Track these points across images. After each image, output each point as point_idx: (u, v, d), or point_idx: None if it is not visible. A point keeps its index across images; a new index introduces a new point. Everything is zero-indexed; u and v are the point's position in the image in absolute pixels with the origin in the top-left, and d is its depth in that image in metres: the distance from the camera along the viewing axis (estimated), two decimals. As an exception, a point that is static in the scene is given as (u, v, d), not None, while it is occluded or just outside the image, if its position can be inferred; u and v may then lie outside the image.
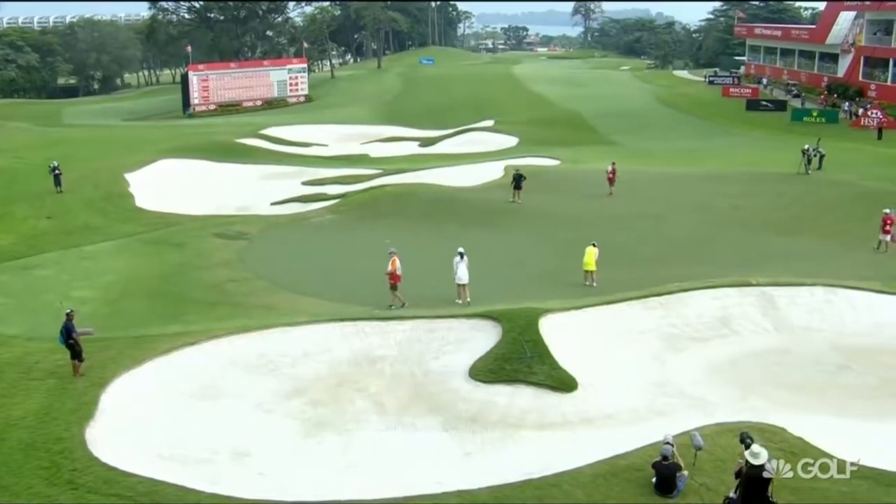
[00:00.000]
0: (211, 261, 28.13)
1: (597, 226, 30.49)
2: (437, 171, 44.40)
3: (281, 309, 21.76)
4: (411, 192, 37.34)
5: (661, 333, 18.52)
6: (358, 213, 35.12)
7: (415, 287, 21.67)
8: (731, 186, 37.31)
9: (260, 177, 45.81)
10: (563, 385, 15.80)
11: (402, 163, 49.78)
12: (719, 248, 28.02)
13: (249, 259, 28.29)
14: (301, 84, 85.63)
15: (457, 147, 57.98)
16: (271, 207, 38.61)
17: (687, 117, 66.02)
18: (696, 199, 35.38)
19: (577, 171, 42.29)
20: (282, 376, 16.94)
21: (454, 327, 18.63)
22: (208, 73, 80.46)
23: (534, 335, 17.30)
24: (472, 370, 16.54)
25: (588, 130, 61.93)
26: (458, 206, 34.65)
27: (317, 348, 18.08)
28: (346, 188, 40.69)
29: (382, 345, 18.25)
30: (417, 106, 75.71)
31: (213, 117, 75.76)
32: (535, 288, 23.17)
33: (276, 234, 32.47)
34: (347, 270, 26.25)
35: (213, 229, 32.95)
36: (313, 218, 35.64)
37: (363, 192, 38.78)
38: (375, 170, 46.12)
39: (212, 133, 58.66)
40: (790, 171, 38.67)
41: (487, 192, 37.32)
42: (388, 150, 57.66)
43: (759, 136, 56.54)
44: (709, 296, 20.01)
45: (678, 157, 48.94)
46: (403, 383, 16.63)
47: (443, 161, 49.63)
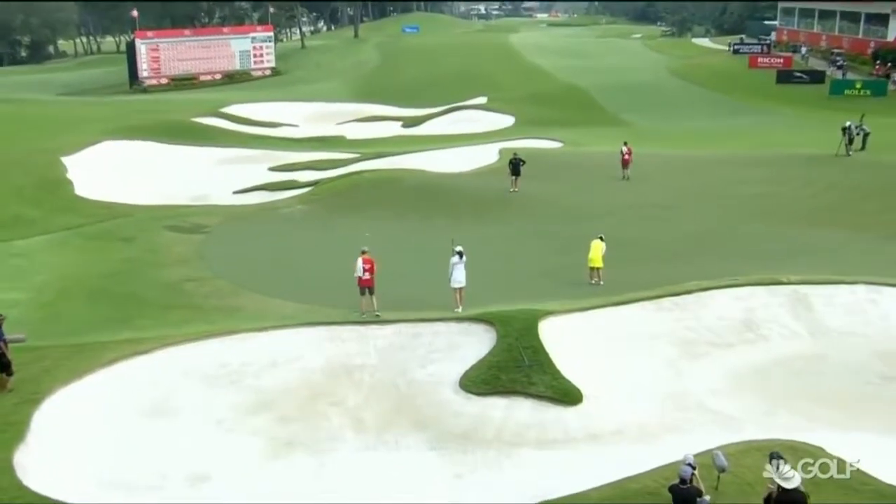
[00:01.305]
0: (164, 258, 28.02)
1: (603, 217, 30.57)
2: (423, 155, 44.29)
3: (245, 312, 21.72)
4: (394, 180, 37.25)
5: (677, 338, 18.59)
6: (333, 204, 35.00)
7: (399, 288, 21.64)
8: (757, 171, 37.41)
9: (220, 161, 45.63)
10: (565, 397, 15.83)
11: (383, 146, 49.60)
12: (743, 241, 28.13)
13: (209, 255, 28.20)
14: (266, 55, 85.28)
15: (445, 128, 57.81)
16: (233, 196, 38.46)
17: (707, 92, 66.20)
18: (716, 186, 35.48)
19: (581, 155, 42.33)
20: (246, 389, 16.90)
21: (442, 332, 18.62)
22: (158, 42, 79.81)
23: (533, 340, 17.31)
24: (463, 380, 16.55)
25: (593, 108, 61.98)
26: (447, 195, 34.61)
27: (286, 357, 18.04)
28: (320, 175, 40.54)
29: (361, 352, 18.23)
30: (400, 81, 75.52)
31: (164, 93, 75.25)
32: (534, 287, 23.18)
33: (240, 228, 32.34)
34: (321, 268, 26.15)
35: (167, 221, 32.79)
36: (282, 209, 35.49)
37: (339, 180, 38.68)
38: (353, 154, 45.96)
39: (164, 111, 58.25)
40: (827, 152, 38.75)
41: (480, 179, 37.27)
42: (367, 132, 57.43)
43: (791, 113, 56.73)
44: (731, 295, 20.08)
45: (696, 139, 49.05)
46: (385, 396, 16.61)
47: (429, 144, 49.52)
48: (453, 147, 46.91)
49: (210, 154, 46.94)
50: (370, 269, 19.89)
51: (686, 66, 75.78)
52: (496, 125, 56.51)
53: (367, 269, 19.87)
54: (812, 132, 46.55)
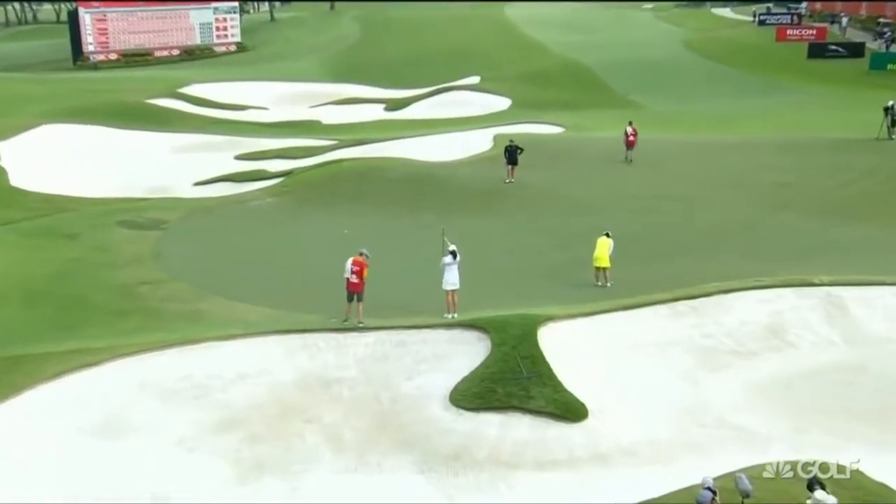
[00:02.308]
0: (116, 257, 27.95)
1: (610, 210, 30.63)
2: (408, 141, 44.32)
3: (208, 318, 21.71)
4: (376, 169, 37.26)
5: (694, 346, 18.66)
6: (307, 197, 35.02)
7: (382, 292, 21.57)
8: (785, 158, 37.59)
9: (179, 149, 45.55)
10: (568, 412, 15.87)
11: (363, 131, 49.61)
12: (768, 236, 28.26)
13: (167, 255, 28.17)
14: (231, 28, 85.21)
15: (433, 111, 57.80)
16: (195, 188, 38.49)
17: (727, 70, 66.21)
18: (737, 174, 35.61)
19: (585, 142, 42.41)
20: (209, 405, 16.88)
21: (430, 340, 18.64)
22: (106, 11, 79.43)
23: (531, 349, 17.34)
24: (454, 394, 16.57)
25: (599, 88, 62.07)
26: (435, 187, 34.65)
27: (255, 368, 18.02)
28: (292, 164, 40.54)
29: (339, 363, 18.23)
30: (382, 58, 75.52)
31: (114, 70, 75.00)
32: (533, 289, 23.23)
33: (202, 223, 32.33)
34: (294, 269, 26.17)
35: (119, 216, 32.74)
36: (250, 202, 35.53)
37: (314, 170, 38.70)
38: (329, 140, 45.96)
39: (114, 90, 58.06)
40: (864, 135, 38.87)
41: (473, 168, 37.32)
42: (346, 115, 57.41)
43: (824, 92, 56.78)
44: (755, 298, 20.16)
45: (715, 122, 49.18)
46: (366, 412, 16.62)
47: (416, 129, 49.52)
48: (442, 133, 46.97)
49: (167, 140, 46.83)
50: (359, 273, 19.88)
51: (704, 40, 75.88)
52: (490, 108, 56.51)
53: (356, 272, 19.86)
54: (848, 113, 46.71)
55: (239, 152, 43.94)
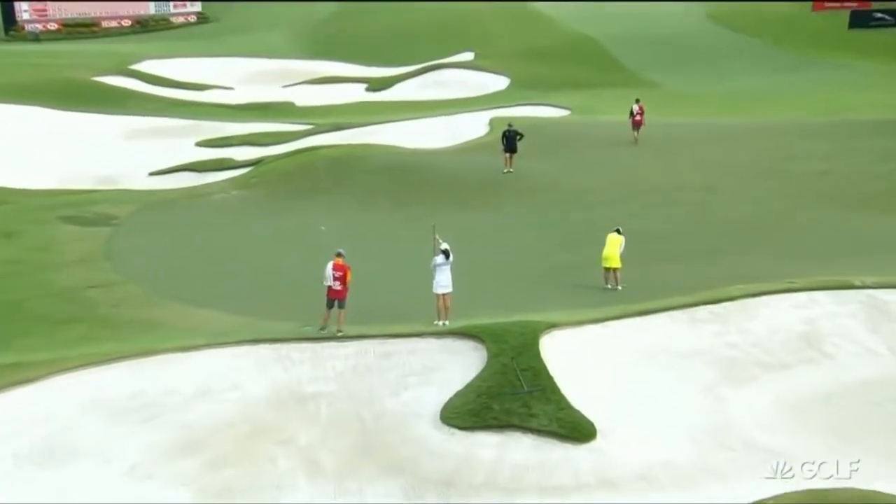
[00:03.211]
0: (59, 257, 27.91)
1: (622, 204, 30.73)
2: (393, 126, 44.40)
3: (166, 327, 21.64)
4: (357, 158, 37.33)
5: (717, 357, 18.65)
6: (279, 189, 35.15)
7: (365, 296, 21.58)
8: (821, 143, 37.70)
9: (132, 134, 45.54)
10: (574, 432, 15.87)
11: (342, 115, 49.63)
12: (801, 232, 28.33)
13: (119, 254, 28.13)
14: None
15: (421, 92, 57.97)
16: (150, 179, 38.52)
17: (756, 43, 66.53)
18: (766, 162, 35.72)
19: (593, 126, 42.52)
20: (167, 426, 16.81)
21: (419, 350, 18.66)
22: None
23: (533, 361, 17.36)
24: (446, 412, 16.57)
25: (609, 65, 62.30)
26: (424, 178, 34.76)
27: (219, 384, 17.99)
28: (262, 151, 40.61)
29: (316, 377, 18.23)
30: (363, 31, 75.62)
31: (55, 42, 74.85)
32: (535, 292, 23.26)
33: (159, 219, 32.32)
34: (265, 271, 26.17)
35: (62, 211, 32.67)
36: (213, 195, 35.57)
37: (286, 158, 38.75)
38: (304, 125, 46.00)
39: (55, 66, 57.83)
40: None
41: (466, 157, 37.40)
42: (322, 97, 57.55)
43: (867, 68, 57.07)
44: (787, 302, 20.19)
45: (741, 103, 49.35)
46: (347, 432, 16.60)
47: (401, 112, 49.60)
48: (432, 117, 47.04)
49: (118, 124, 46.78)
50: (342, 278, 19.89)
51: (729, 11, 75.93)
52: (486, 88, 56.69)
53: (339, 278, 19.88)
54: (894, 91, 46.80)
55: (200, 138, 43.93)
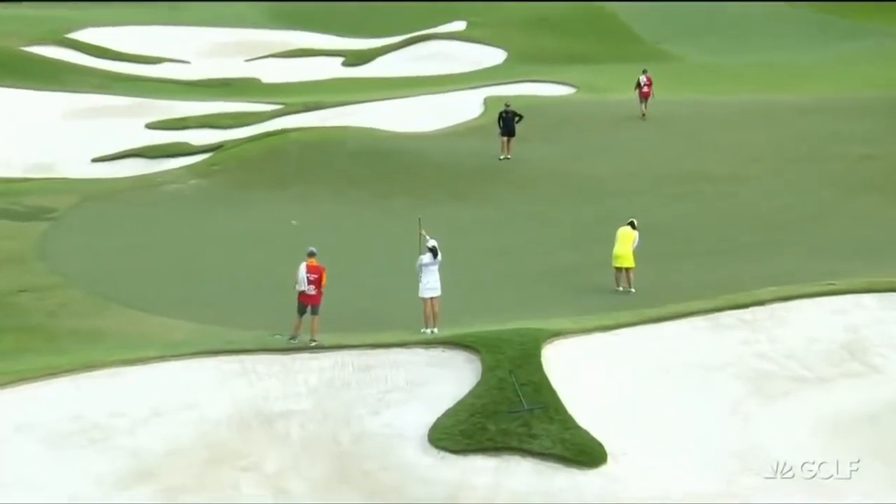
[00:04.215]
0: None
1: (635, 194, 30.78)
2: (374, 106, 44.29)
3: (112, 338, 21.46)
4: (332, 143, 37.27)
5: (745, 370, 18.61)
6: (243, 178, 35.03)
7: (342, 300, 21.66)
8: (865, 123, 37.65)
9: (71, 114, 45.22)
10: (581, 455, 15.86)
11: (315, 93, 49.48)
12: (843, 226, 28.34)
13: (56, 254, 27.96)
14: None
15: (406, 67, 57.87)
16: (93, 166, 38.31)
17: (792, 7, 66.15)
18: (800, 145, 35.72)
19: (603, 106, 42.51)
20: (114, 451, 16.72)
21: (403, 363, 18.64)
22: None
23: (534, 374, 17.36)
24: (434, 433, 16.54)
25: (622, 36, 62.19)
26: (409, 165, 34.73)
27: (175, 402, 17.92)
28: (223, 135, 40.50)
29: (286, 393, 18.17)
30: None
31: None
32: (536, 297, 23.25)
33: (104, 212, 32.14)
34: (227, 272, 26.10)
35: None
36: (167, 185, 35.39)
37: (252, 143, 38.55)
38: (271, 105, 45.80)
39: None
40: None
41: (457, 142, 37.37)
42: (293, 72, 57.46)
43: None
44: (826, 308, 20.18)
45: (774, 77, 49.29)
46: (321, 456, 16.58)
47: (383, 90, 49.47)
48: (418, 95, 46.94)
49: (55, 102, 46.45)
50: (318, 282, 19.87)
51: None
52: (480, 63, 56.65)
53: (314, 281, 19.87)
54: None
55: (151, 119, 43.62)
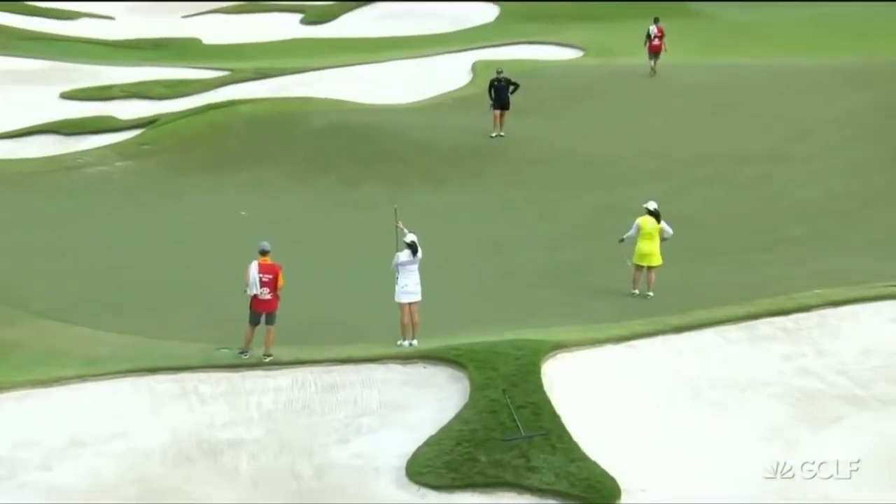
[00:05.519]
0: None
1: (654, 179, 30.79)
2: (339, 73, 44.58)
3: (21, 353, 21.36)
4: (290, 116, 37.44)
5: (787, 389, 18.57)
6: (181, 159, 35.15)
7: (302, 307, 21.72)
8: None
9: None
10: (590, 492, 15.73)
11: (269, 56, 49.70)
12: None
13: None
14: None
15: (377, 26, 58.20)
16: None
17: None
18: (856, 119, 35.79)
19: (614, 73, 42.80)
20: (24, 488, 16.54)
21: (377, 381, 18.63)
22: None
23: (533, 394, 17.33)
24: (414, 465, 16.40)
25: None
26: (382, 144, 34.79)
27: (98, 431, 17.85)
28: (156, 107, 40.57)
29: (235, 419, 18.12)
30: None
31: None
32: (534, 301, 23.33)
33: (9, 201, 32.08)
34: (162, 273, 26.05)
35: None
36: (87, 167, 35.40)
37: (191, 117, 38.63)
38: (215, 71, 45.98)
39: None
40: None
41: (440, 116, 37.54)
42: (241, 32, 57.69)
43: None
44: (886, 315, 20.29)
45: (827, 36, 49.48)
46: (277, 494, 16.43)
47: (351, 54, 49.69)
48: (392, 60, 47.11)
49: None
50: (272, 283, 19.78)
51: None
52: (467, 21, 56.98)
53: (268, 283, 19.78)
54: None
55: (68, 87, 43.70)
